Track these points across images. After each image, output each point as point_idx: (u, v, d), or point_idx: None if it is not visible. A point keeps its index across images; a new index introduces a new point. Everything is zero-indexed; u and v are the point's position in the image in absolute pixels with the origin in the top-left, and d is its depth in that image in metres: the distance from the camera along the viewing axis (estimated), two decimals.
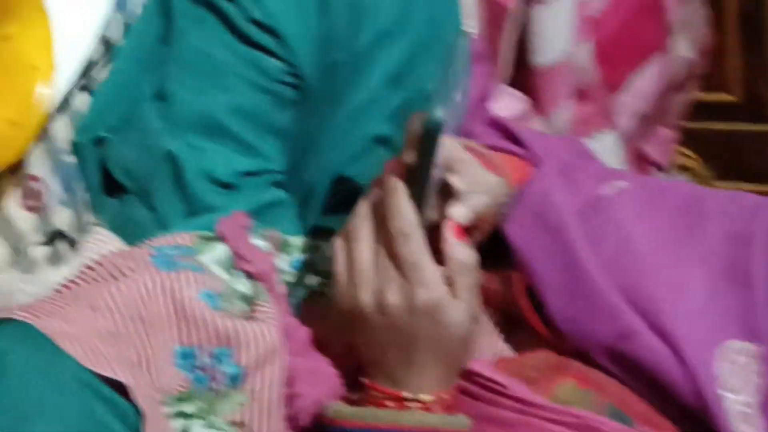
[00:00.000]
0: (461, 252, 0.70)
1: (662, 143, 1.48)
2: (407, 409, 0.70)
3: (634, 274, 0.80)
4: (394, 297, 0.67)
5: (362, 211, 0.71)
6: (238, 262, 0.85)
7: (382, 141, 0.98)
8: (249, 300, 0.82)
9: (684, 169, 1.72)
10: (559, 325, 0.79)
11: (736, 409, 0.74)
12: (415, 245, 0.67)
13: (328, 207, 0.98)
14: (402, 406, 0.70)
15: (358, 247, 0.69)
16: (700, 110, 1.81)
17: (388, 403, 0.70)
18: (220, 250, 0.85)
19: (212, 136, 0.92)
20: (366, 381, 0.72)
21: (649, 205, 0.89)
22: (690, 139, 1.83)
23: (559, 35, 1.21)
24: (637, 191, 0.91)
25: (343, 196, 0.96)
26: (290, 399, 0.77)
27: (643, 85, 1.32)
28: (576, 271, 0.80)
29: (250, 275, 0.84)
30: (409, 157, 0.71)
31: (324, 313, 0.80)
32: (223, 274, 0.83)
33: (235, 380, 0.75)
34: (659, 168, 1.49)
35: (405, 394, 0.70)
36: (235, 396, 0.75)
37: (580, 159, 0.98)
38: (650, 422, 0.77)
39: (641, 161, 1.46)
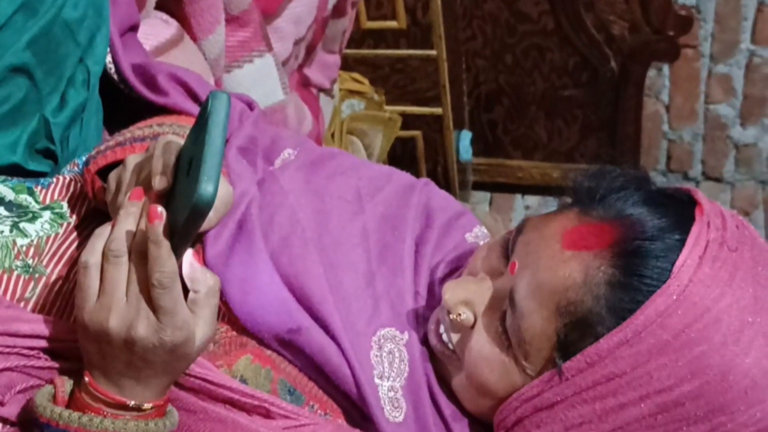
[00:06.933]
0: (210, 278, 0.73)
1: (325, 68, 1.55)
2: (128, 411, 0.72)
3: (300, 261, 0.85)
4: (143, 331, 0.70)
5: (120, 234, 0.71)
6: None
7: (20, 71, 0.97)
8: None
9: (357, 94, 1.81)
10: (237, 314, 0.84)
11: (388, 395, 0.82)
12: (173, 295, 0.69)
13: None
14: (122, 410, 0.72)
15: (115, 275, 0.71)
16: (369, 37, 1.94)
17: (107, 409, 0.72)
18: None
19: None
20: (87, 379, 0.73)
21: (313, 178, 0.93)
22: (361, 66, 1.95)
23: None
24: (301, 163, 0.95)
25: None
26: None
27: (299, 11, 1.38)
28: (252, 266, 0.85)
29: None
30: (161, 183, 0.73)
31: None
32: None
33: None
34: (322, 90, 1.56)
35: (129, 402, 0.72)
36: None
37: (255, 126, 1.00)
38: (320, 401, 0.84)
39: (305, 84, 1.52)
